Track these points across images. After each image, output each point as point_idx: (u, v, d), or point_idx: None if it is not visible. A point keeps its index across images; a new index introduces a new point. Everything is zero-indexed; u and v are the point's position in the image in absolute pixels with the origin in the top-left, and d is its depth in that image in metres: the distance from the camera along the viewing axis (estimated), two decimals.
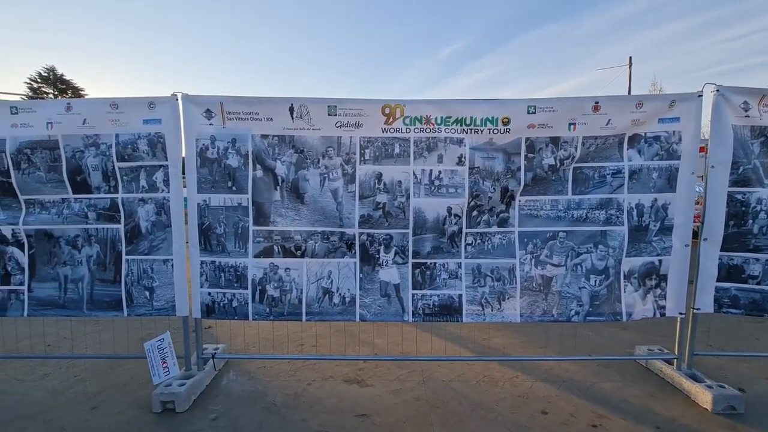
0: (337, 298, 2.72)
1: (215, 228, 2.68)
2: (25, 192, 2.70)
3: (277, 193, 2.68)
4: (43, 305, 2.78)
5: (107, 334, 3.66)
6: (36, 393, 2.71)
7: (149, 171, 2.68)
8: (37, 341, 3.52)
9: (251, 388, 2.76)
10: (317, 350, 3.38)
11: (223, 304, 2.72)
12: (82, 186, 2.69)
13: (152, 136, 2.64)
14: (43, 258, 2.77)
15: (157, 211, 2.70)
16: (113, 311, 2.76)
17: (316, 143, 2.65)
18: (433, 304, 2.72)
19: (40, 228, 2.73)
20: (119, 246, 2.73)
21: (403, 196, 2.66)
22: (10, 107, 2.65)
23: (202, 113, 2.62)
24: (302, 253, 2.71)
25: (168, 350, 2.72)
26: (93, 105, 2.63)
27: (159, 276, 2.73)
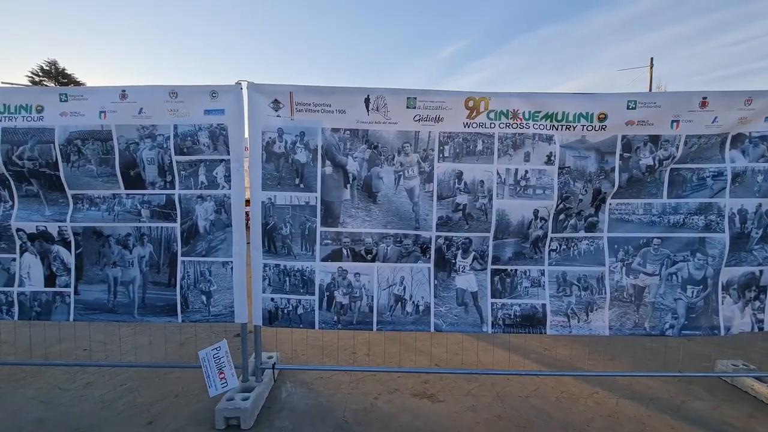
0: (410, 306, 2.51)
1: (280, 228, 2.47)
2: (74, 186, 2.49)
3: (348, 191, 2.47)
4: (91, 309, 2.57)
5: (143, 338, 3.46)
6: (83, 404, 2.50)
7: (209, 165, 2.47)
8: (69, 345, 3.32)
9: (314, 402, 2.56)
10: (371, 359, 3.18)
11: (288, 311, 2.51)
12: (136, 181, 2.48)
13: (214, 128, 2.43)
14: (91, 258, 2.56)
15: (217, 209, 2.49)
16: (166, 317, 2.55)
17: (391, 138, 2.44)
18: (514, 314, 2.51)
19: (89, 226, 2.52)
20: (174, 246, 2.52)
21: (485, 197, 2.45)
22: (60, 94, 2.44)
23: (269, 104, 2.41)
24: (373, 257, 2.50)
25: (225, 360, 2.51)
26: (150, 93, 2.42)
27: (217, 279, 2.52)
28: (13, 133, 2.46)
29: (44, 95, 2.45)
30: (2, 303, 2.57)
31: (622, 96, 2.34)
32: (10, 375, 2.84)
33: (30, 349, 3.27)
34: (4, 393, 2.60)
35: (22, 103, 2.45)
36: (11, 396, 2.58)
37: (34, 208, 2.54)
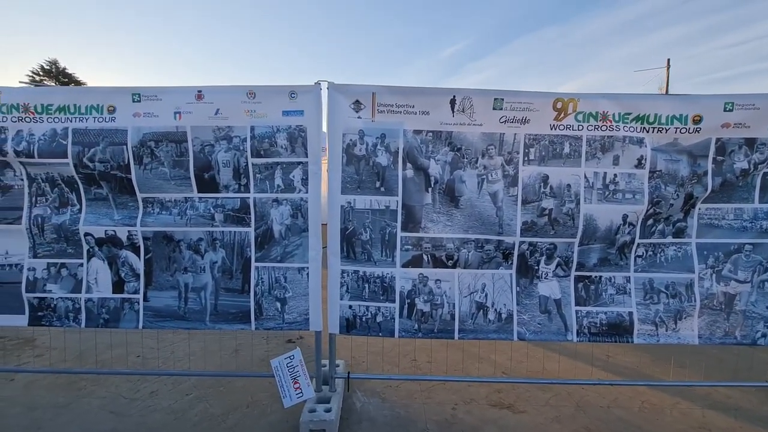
0: (492, 314, 2.43)
1: (360, 234, 2.39)
2: (145, 190, 2.41)
3: (429, 195, 2.40)
4: (161, 316, 2.48)
5: (197, 344, 3.37)
6: (154, 414, 2.42)
7: (286, 168, 2.39)
8: (120, 352, 3.24)
9: (392, 413, 2.48)
10: (433, 366, 3.10)
11: (366, 318, 2.43)
12: (210, 184, 2.40)
13: (293, 130, 2.35)
14: (161, 263, 2.47)
15: (293, 213, 2.41)
16: (240, 324, 2.47)
17: (475, 140, 2.36)
18: (600, 323, 2.43)
19: (160, 230, 2.43)
20: (248, 252, 2.44)
21: (572, 202, 2.37)
22: (132, 94, 2.36)
23: (350, 104, 2.33)
24: (454, 264, 2.42)
25: (300, 369, 2.43)
26: (227, 93, 2.34)
27: (293, 286, 2.44)
28: (83, 134, 2.38)
29: (116, 95, 2.37)
30: (69, 310, 2.48)
31: (719, 97, 2.27)
32: (70, 383, 2.76)
33: (80, 356, 3.19)
34: (69, 403, 2.52)
35: (93, 103, 2.37)
36: (78, 406, 2.50)
37: (102, 212, 2.46)
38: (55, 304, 2.48)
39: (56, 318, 2.49)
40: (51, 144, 2.37)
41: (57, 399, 2.56)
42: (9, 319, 2.50)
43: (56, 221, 2.45)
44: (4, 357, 3.18)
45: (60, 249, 2.47)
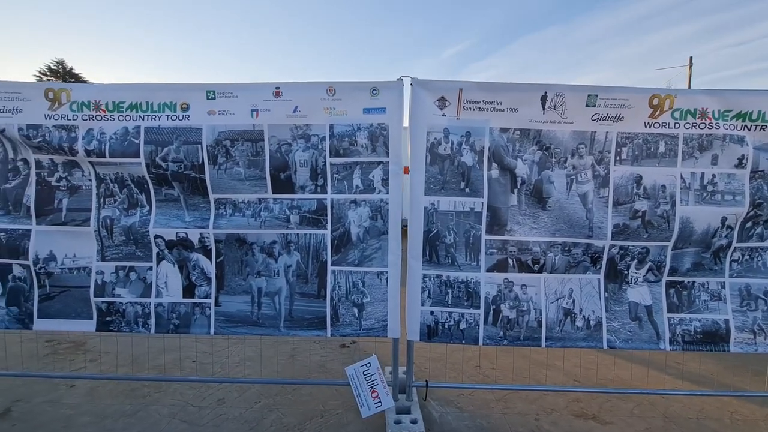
0: (580, 320, 2.32)
1: (444, 236, 2.29)
2: (218, 190, 2.32)
3: (514, 196, 2.29)
4: (233, 322, 2.39)
5: (251, 350, 3.29)
6: (228, 424, 2.33)
7: (365, 168, 2.29)
8: (174, 356, 3.16)
9: (474, 424, 2.38)
10: (498, 373, 3.00)
11: (449, 325, 2.33)
12: (285, 185, 2.31)
13: (374, 128, 2.26)
14: (233, 267, 2.38)
15: (372, 215, 2.31)
16: (315, 330, 2.38)
17: (565, 139, 2.25)
18: (694, 331, 2.31)
19: (233, 232, 2.34)
20: (324, 255, 2.34)
21: (667, 203, 2.26)
22: (207, 91, 2.27)
23: (435, 101, 2.23)
24: (540, 268, 2.31)
25: (377, 377, 2.33)
26: (306, 90, 2.25)
27: (371, 291, 2.34)
28: (156, 133, 2.29)
29: (190, 92, 2.28)
30: (138, 315, 2.40)
31: None
32: (132, 390, 2.68)
33: (135, 361, 3.11)
34: (137, 411, 2.44)
35: (166, 100, 2.29)
36: (147, 414, 2.41)
37: (172, 214, 2.37)
38: (123, 309, 2.39)
39: (125, 323, 2.40)
40: (123, 143, 2.29)
41: (124, 407, 2.48)
42: (76, 324, 2.41)
43: (125, 223, 2.36)
44: (59, 362, 3.11)
45: (129, 252, 2.39)
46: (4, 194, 2.37)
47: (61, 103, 2.29)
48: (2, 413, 2.40)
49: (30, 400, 2.54)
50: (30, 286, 2.40)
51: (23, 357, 3.10)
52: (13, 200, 2.37)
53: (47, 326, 2.42)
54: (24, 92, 2.28)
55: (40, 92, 2.28)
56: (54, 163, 2.36)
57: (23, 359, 3.08)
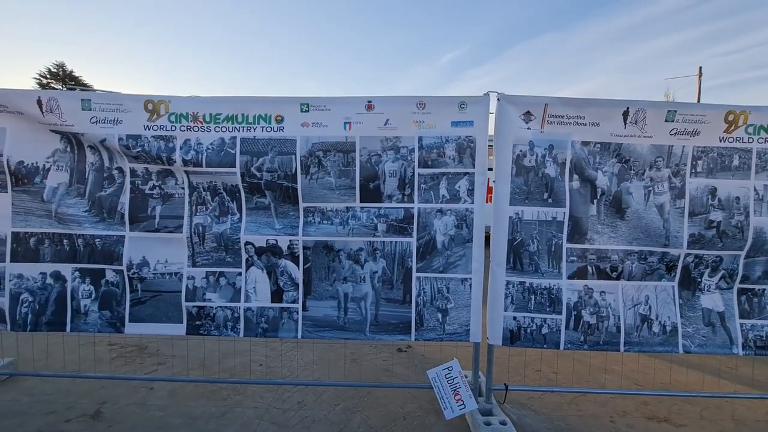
0: (656, 326, 2.41)
1: (528, 245, 2.38)
2: (308, 199, 2.41)
3: (594, 207, 2.39)
4: (320, 326, 2.47)
5: (312, 354, 3.36)
6: (318, 426, 2.40)
7: (452, 179, 2.39)
8: (242, 360, 3.23)
9: (552, 425, 2.46)
10: (561, 377, 3.08)
11: (531, 330, 2.41)
12: (374, 194, 2.40)
13: (462, 140, 2.36)
14: (320, 273, 2.47)
15: (458, 223, 2.40)
16: (400, 335, 2.46)
17: (644, 152, 2.36)
18: (766, 336, 2.41)
19: (321, 240, 2.43)
20: (409, 262, 2.43)
21: (741, 214, 2.36)
22: (301, 104, 2.37)
23: (520, 115, 2.33)
24: (618, 275, 2.41)
25: (459, 380, 2.42)
26: (397, 104, 2.35)
27: (455, 297, 2.43)
28: (252, 143, 2.38)
29: (284, 105, 2.38)
30: (228, 319, 2.48)
31: None
32: (211, 392, 2.75)
33: (203, 364, 3.18)
34: (224, 413, 2.51)
35: (261, 113, 2.38)
36: (235, 416, 2.48)
37: (262, 221, 2.46)
38: (214, 313, 2.47)
39: (214, 327, 2.48)
40: (219, 153, 2.38)
41: (209, 409, 2.54)
42: (167, 327, 2.49)
43: (217, 230, 2.45)
44: (129, 365, 3.17)
45: (219, 258, 2.47)
46: (99, 201, 2.45)
47: (159, 114, 2.38)
48: (93, 414, 2.46)
49: (116, 402, 2.60)
50: (122, 291, 2.48)
51: (95, 361, 3.17)
52: (108, 207, 2.46)
53: (138, 330, 2.49)
54: (125, 104, 2.37)
55: (140, 104, 2.37)
56: (148, 171, 2.44)
57: (95, 363, 3.14)
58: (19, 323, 2.47)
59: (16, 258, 2.46)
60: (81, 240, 2.45)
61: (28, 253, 2.46)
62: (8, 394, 2.68)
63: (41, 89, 2.52)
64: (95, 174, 2.46)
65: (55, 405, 2.55)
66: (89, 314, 2.49)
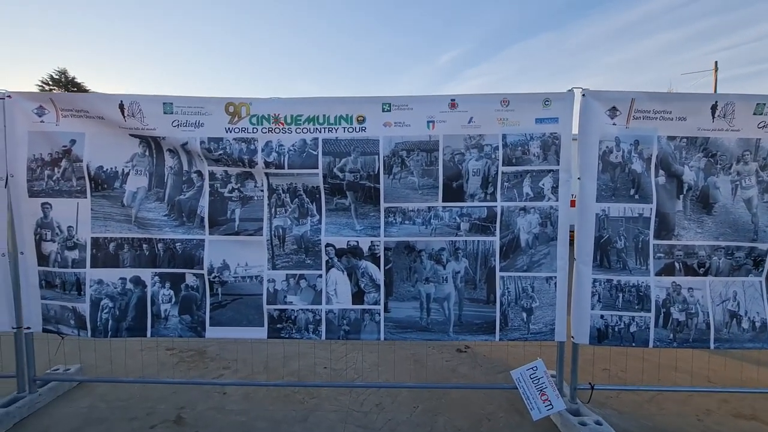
0: (746, 322, 2.38)
1: (615, 242, 2.35)
2: (390, 199, 2.39)
3: (680, 202, 2.36)
4: (402, 327, 2.45)
5: (371, 356, 3.33)
6: (402, 427, 2.38)
7: (535, 176, 2.36)
8: (307, 363, 3.21)
9: (639, 424, 2.42)
10: (629, 375, 3.04)
11: (619, 329, 2.38)
12: (456, 193, 2.38)
13: (546, 137, 2.33)
14: (401, 274, 2.45)
15: (542, 221, 2.38)
16: (484, 335, 2.43)
17: (731, 146, 2.33)
18: None
19: (403, 240, 2.41)
20: (492, 261, 2.41)
21: None
22: (383, 104, 2.35)
23: (606, 111, 2.30)
24: (705, 271, 2.38)
25: (545, 380, 2.38)
26: (481, 101, 2.33)
27: (540, 296, 2.40)
28: (334, 144, 2.37)
29: (365, 105, 2.36)
30: (309, 322, 2.46)
31: None
32: (285, 396, 2.72)
33: (268, 367, 3.16)
34: (306, 417, 2.48)
35: (343, 113, 2.36)
36: (318, 419, 2.46)
37: (342, 222, 2.44)
38: (295, 316, 2.45)
39: (296, 330, 2.46)
40: (301, 154, 2.36)
41: (290, 413, 2.52)
42: (248, 331, 2.47)
43: (297, 232, 2.43)
44: (194, 369, 3.15)
45: (299, 260, 2.45)
46: (179, 205, 2.44)
47: (240, 116, 2.36)
48: (175, 420, 2.44)
49: (194, 407, 2.58)
50: (202, 295, 2.46)
51: (158, 366, 3.15)
52: (187, 211, 2.44)
53: (219, 334, 2.47)
54: (206, 106, 2.35)
55: (221, 106, 2.35)
56: (227, 174, 2.43)
57: (158, 368, 3.13)
58: (100, 329, 2.46)
59: (96, 264, 2.45)
60: (161, 244, 2.44)
61: (108, 259, 2.45)
62: (84, 400, 2.66)
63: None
64: (174, 178, 2.45)
65: (134, 411, 2.53)
66: (169, 319, 2.47)
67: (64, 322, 2.49)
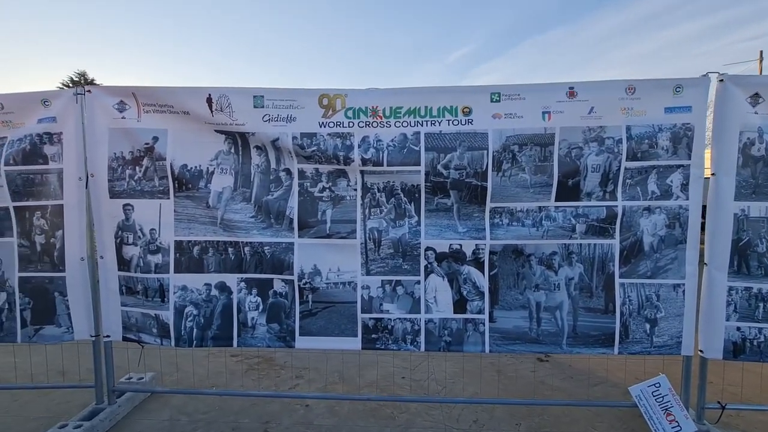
0: None
1: (756, 245, 2.09)
2: (497, 199, 2.17)
3: None
4: (509, 339, 2.24)
5: (450, 365, 3.13)
6: None
7: (662, 172, 2.12)
8: (382, 372, 3.01)
9: None
10: (746, 391, 2.77)
11: (758, 342, 2.13)
12: (572, 191, 2.15)
13: (677, 129, 2.08)
14: (508, 280, 2.23)
15: (669, 223, 2.13)
16: (601, 348, 2.21)
17: None
18: None
19: (510, 243, 2.19)
20: (611, 267, 2.17)
21: None
22: (491, 93, 2.13)
23: (747, 98, 2.04)
24: None
25: (671, 398, 2.14)
26: (603, 89, 2.10)
27: (666, 305, 2.16)
28: (437, 139, 2.16)
29: (472, 95, 2.15)
30: (407, 332, 2.26)
31: None
32: (373, 410, 2.54)
33: (343, 377, 2.98)
34: None
35: (446, 104, 2.16)
36: None
37: (443, 224, 2.23)
38: (392, 326, 2.26)
39: (392, 341, 2.27)
40: (401, 150, 2.17)
41: (384, 429, 2.34)
42: (340, 342, 2.30)
43: (394, 235, 2.24)
44: (265, 378, 3.00)
45: (395, 265, 2.26)
46: (266, 206, 2.27)
47: (335, 109, 2.18)
48: None
49: (279, 421, 2.42)
50: (291, 302, 2.29)
51: (227, 374, 3.01)
52: (275, 212, 2.27)
53: (309, 344, 2.30)
54: (299, 99, 2.18)
55: (315, 99, 2.17)
56: (318, 172, 2.25)
57: (227, 376, 2.98)
58: (184, 338, 2.31)
59: (180, 269, 2.30)
60: (248, 248, 2.28)
61: (192, 263, 2.30)
62: (162, 412, 2.53)
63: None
64: (261, 176, 2.28)
65: (219, 425, 2.38)
66: (257, 328, 2.31)
67: (146, 330, 2.35)
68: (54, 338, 2.36)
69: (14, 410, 2.58)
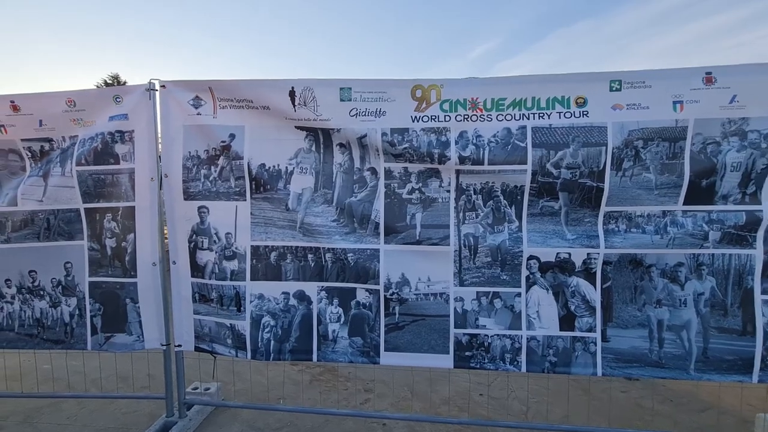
0: None
1: None
2: (614, 202, 1.91)
3: None
4: (625, 361, 1.97)
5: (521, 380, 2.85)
6: None
7: None
8: (456, 388, 2.79)
9: None
10: None
11: None
12: (704, 193, 1.86)
13: None
14: (623, 295, 1.96)
15: None
16: (737, 375, 1.90)
17: None
18: None
19: (628, 252, 1.92)
20: (749, 281, 1.87)
21: None
22: (611, 81, 1.86)
23: None
24: None
25: None
26: (750, 73, 1.79)
27: None
28: (547, 134, 1.91)
29: (586, 84, 1.89)
30: (506, 350, 2.03)
31: None
32: (458, 431, 2.32)
33: (415, 393, 2.77)
34: None
35: (557, 95, 1.90)
36: None
37: (549, 230, 1.98)
38: (489, 343, 2.03)
39: (488, 360, 2.04)
40: (505, 147, 1.93)
41: None
42: (430, 359, 2.08)
43: (492, 242, 2.00)
44: (331, 391, 2.84)
45: (491, 275, 2.02)
46: (349, 209, 2.08)
47: (429, 102, 1.96)
48: None
49: None
50: (375, 314, 2.09)
51: (290, 385, 2.85)
52: (359, 216, 2.08)
53: (396, 360, 2.10)
54: (389, 91, 1.97)
55: (407, 90, 1.96)
56: (407, 172, 2.04)
57: (290, 387, 2.83)
58: (261, 351, 2.15)
59: (256, 276, 2.14)
60: (329, 254, 2.09)
61: (269, 270, 2.14)
62: (233, 426, 2.39)
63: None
64: (344, 176, 2.09)
65: None
66: (338, 341, 2.12)
67: (220, 340, 2.21)
68: (125, 347, 2.25)
69: (82, 418, 2.50)
